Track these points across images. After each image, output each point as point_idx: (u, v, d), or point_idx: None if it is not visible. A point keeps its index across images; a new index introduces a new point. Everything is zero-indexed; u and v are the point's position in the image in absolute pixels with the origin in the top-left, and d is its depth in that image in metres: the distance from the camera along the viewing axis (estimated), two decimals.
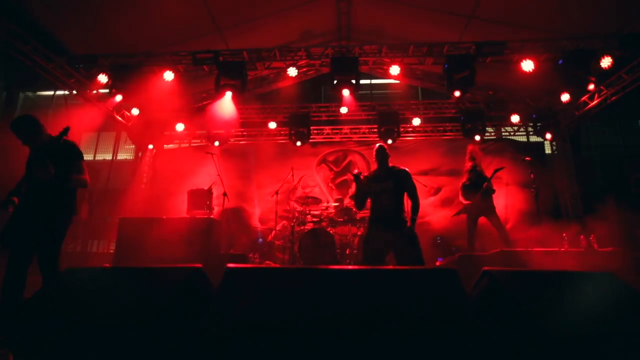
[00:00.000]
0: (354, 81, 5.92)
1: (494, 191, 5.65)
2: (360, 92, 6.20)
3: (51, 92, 12.13)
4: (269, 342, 1.17)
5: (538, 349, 1.15)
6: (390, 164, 3.78)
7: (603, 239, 6.97)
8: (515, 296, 1.26)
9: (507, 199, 8.03)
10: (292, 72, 6.35)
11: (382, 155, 3.72)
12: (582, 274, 1.76)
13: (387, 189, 3.55)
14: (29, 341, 1.37)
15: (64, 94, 8.42)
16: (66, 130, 2.97)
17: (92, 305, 1.35)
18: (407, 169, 3.70)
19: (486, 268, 1.41)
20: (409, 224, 3.50)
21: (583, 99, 7.53)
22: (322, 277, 1.28)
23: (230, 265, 1.27)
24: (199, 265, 1.36)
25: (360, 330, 1.18)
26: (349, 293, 1.25)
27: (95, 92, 6.97)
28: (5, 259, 2.86)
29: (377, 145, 3.80)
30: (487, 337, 1.13)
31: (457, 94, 5.88)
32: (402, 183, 3.60)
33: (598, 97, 7.23)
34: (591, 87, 5.84)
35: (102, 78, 5.99)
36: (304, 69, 8.35)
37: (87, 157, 5.94)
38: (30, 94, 12.68)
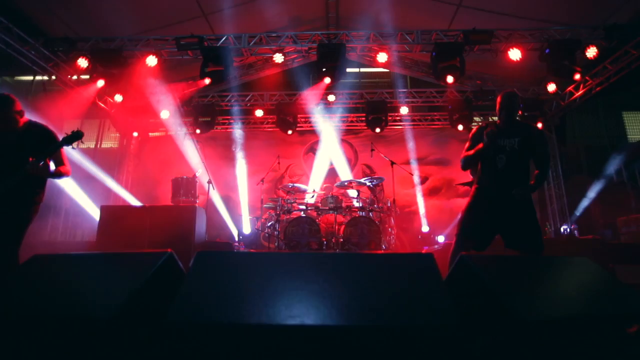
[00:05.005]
0: (340, 66, 5.82)
1: None
2: (348, 80, 6.12)
3: (30, 77, 11.71)
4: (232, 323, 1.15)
5: (511, 330, 1.15)
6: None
7: (584, 227, 7.15)
8: (489, 280, 1.26)
9: None
10: (278, 58, 6.23)
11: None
12: (558, 259, 1.78)
13: (511, 148, 2.80)
14: None
15: (43, 79, 8.13)
16: (78, 134, 2.68)
17: (60, 292, 1.30)
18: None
19: (463, 253, 1.41)
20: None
21: (569, 89, 7.59)
22: (289, 261, 1.27)
23: (200, 251, 1.24)
24: (169, 250, 1.33)
25: (338, 310, 1.16)
26: (320, 277, 1.23)
27: (76, 77, 6.72)
28: None
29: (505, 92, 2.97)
30: (463, 319, 1.12)
31: (450, 79, 5.80)
32: (533, 143, 2.79)
33: (583, 88, 7.29)
34: (577, 77, 5.85)
35: (82, 62, 5.77)
36: (292, 56, 8.24)
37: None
38: (7, 78, 12.22)
